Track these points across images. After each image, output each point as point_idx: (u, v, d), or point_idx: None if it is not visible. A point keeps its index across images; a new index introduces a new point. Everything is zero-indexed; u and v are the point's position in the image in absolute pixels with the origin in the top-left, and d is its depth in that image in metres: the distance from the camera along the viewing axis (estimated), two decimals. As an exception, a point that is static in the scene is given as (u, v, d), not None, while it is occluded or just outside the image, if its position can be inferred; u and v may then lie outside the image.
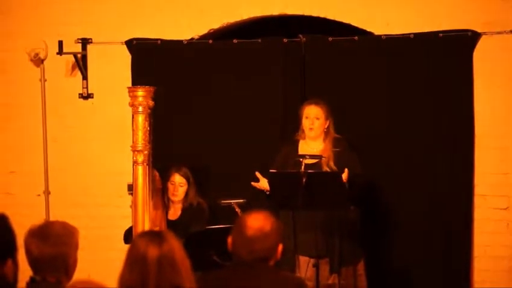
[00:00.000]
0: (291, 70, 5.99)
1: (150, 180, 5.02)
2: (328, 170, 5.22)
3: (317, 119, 5.36)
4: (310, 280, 5.18)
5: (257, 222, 3.10)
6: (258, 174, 5.26)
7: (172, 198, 5.56)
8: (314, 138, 5.39)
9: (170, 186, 5.56)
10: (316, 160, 5.22)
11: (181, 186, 5.55)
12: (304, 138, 5.44)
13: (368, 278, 5.43)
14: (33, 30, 6.32)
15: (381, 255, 5.75)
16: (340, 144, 5.35)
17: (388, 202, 5.80)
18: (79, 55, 6.25)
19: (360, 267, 5.39)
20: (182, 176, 5.54)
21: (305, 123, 5.40)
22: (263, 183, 5.21)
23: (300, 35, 5.99)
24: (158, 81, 5.48)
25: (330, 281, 5.27)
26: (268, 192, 5.14)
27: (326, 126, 5.38)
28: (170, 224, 5.46)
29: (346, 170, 5.11)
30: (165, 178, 5.57)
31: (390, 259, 5.80)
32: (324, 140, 5.37)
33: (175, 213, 5.59)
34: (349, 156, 5.31)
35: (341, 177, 5.01)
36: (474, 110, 5.73)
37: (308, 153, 5.16)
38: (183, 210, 5.57)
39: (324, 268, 5.25)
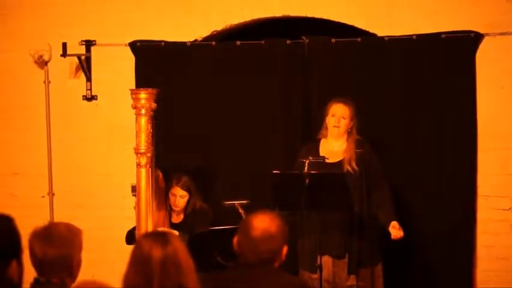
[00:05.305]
0: (294, 71, 6.00)
1: (153, 182, 5.03)
2: (350, 169, 5.22)
3: (343, 118, 5.32)
4: (328, 282, 5.21)
5: (263, 223, 3.09)
6: None
7: (174, 208, 5.53)
8: (337, 137, 5.35)
9: (171, 197, 5.51)
10: (339, 159, 5.24)
11: (182, 197, 5.50)
12: (326, 137, 5.39)
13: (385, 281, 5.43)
14: (37, 33, 6.34)
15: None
16: (363, 146, 5.33)
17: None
18: (83, 57, 6.26)
19: (378, 270, 5.36)
20: (182, 188, 5.47)
21: (330, 120, 5.35)
22: None
23: (303, 37, 6.00)
24: (161, 82, 5.51)
25: (348, 283, 5.26)
26: None
27: (350, 127, 5.36)
28: (174, 227, 5.45)
29: (396, 223, 5.15)
30: (167, 182, 5.54)
31: (391, 260, 5.80)
32: (347, 140, 5.35)
33: (178, 217, 5.58)
34: (372, 159, 5.31)
35: (344, 178, 5.02)
36: (477, 111, 5.74)
37: (324, 155, 5.21)
38: (186, 214, 5.55)
39: (343, 269, 5.25)
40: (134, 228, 5.22)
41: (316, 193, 4.89)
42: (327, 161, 5.17)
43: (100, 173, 6.31)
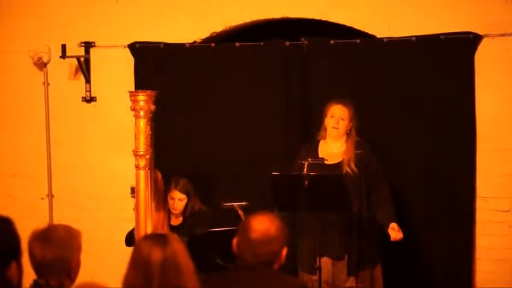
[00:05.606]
0: (293, 73, 6.00)
1: (152, 184, 5.02)
2: (349, 171, 5.23)
3: (342, 119, 5.32)
4: (328, 283, 5.21)
5: (262, 225, 3.08)
6: None
7: (173, 211, 5.51)
8: (336, 138, 5.35)
9: (170, 201, 5.49)
10: (339, 161, 5.24)
11: (181, 200, 5.49)
12: (325, 138, 5.39)
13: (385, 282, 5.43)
14: (36, 34, 6.34)
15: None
16: (362, 147, 5.33)
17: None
18: (82, 59, 6.26)
19: (378, 271, 5.36)
20: (180, 191, 5.45)
21: (329, 122, 5.35)
22: None
23: (302, 38, 6.00)
24: (160, 84, 5.51)
25: (348, 284, 5.26)
26: None
27: (349, 128, 5.35)
28: (173, 229, 5.43)
29: (395, 225, 5.16)
30: (167, 185, 5.53)
31: (391, 260, 5.80)
32: (346, 141, 5.35)
33: (177, 219, 5.57)
34: (371, 160, 5.32)
35: (343, 179, 5.02)
36: (476, 112, 5.74)
37: (323, 156, 5.21)
38: (185, 217, 5.54)
39: (342, 270, 5.25)
40: (133, 230, 5.22)
41: (315, 194, 4.90)
42: (326, 162, 5.17)
43: (99, 175, 6.31)
